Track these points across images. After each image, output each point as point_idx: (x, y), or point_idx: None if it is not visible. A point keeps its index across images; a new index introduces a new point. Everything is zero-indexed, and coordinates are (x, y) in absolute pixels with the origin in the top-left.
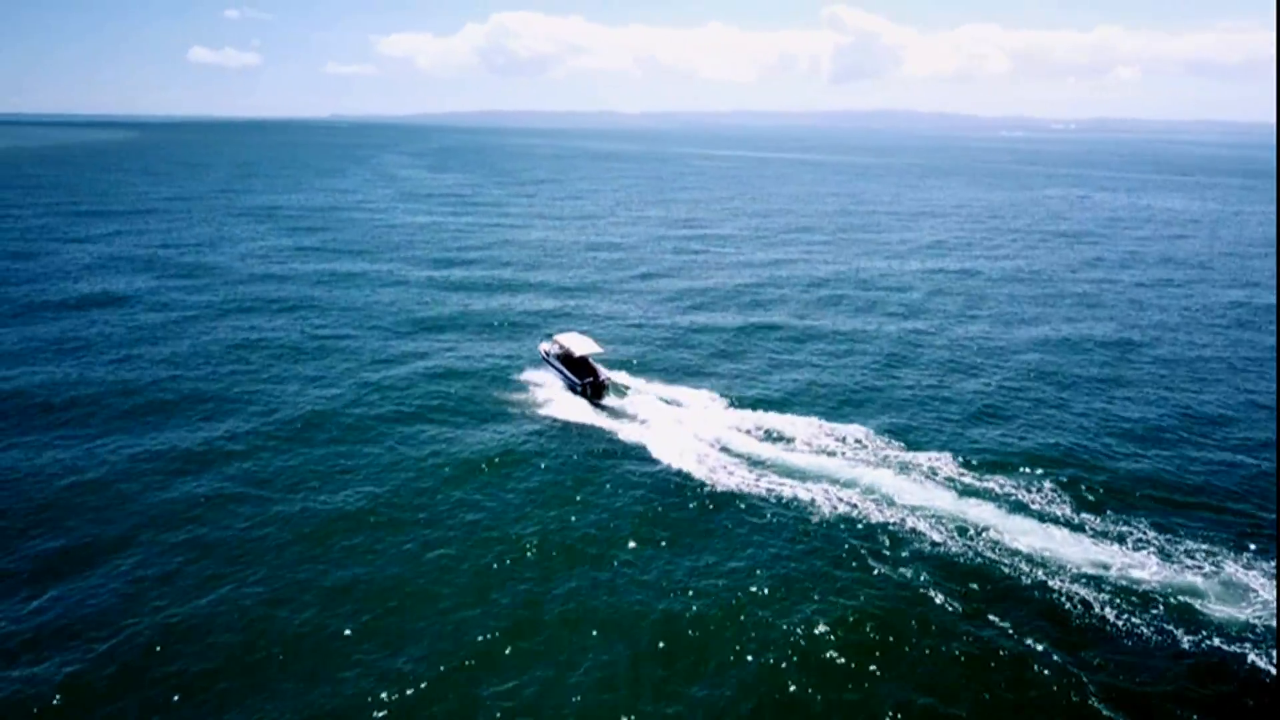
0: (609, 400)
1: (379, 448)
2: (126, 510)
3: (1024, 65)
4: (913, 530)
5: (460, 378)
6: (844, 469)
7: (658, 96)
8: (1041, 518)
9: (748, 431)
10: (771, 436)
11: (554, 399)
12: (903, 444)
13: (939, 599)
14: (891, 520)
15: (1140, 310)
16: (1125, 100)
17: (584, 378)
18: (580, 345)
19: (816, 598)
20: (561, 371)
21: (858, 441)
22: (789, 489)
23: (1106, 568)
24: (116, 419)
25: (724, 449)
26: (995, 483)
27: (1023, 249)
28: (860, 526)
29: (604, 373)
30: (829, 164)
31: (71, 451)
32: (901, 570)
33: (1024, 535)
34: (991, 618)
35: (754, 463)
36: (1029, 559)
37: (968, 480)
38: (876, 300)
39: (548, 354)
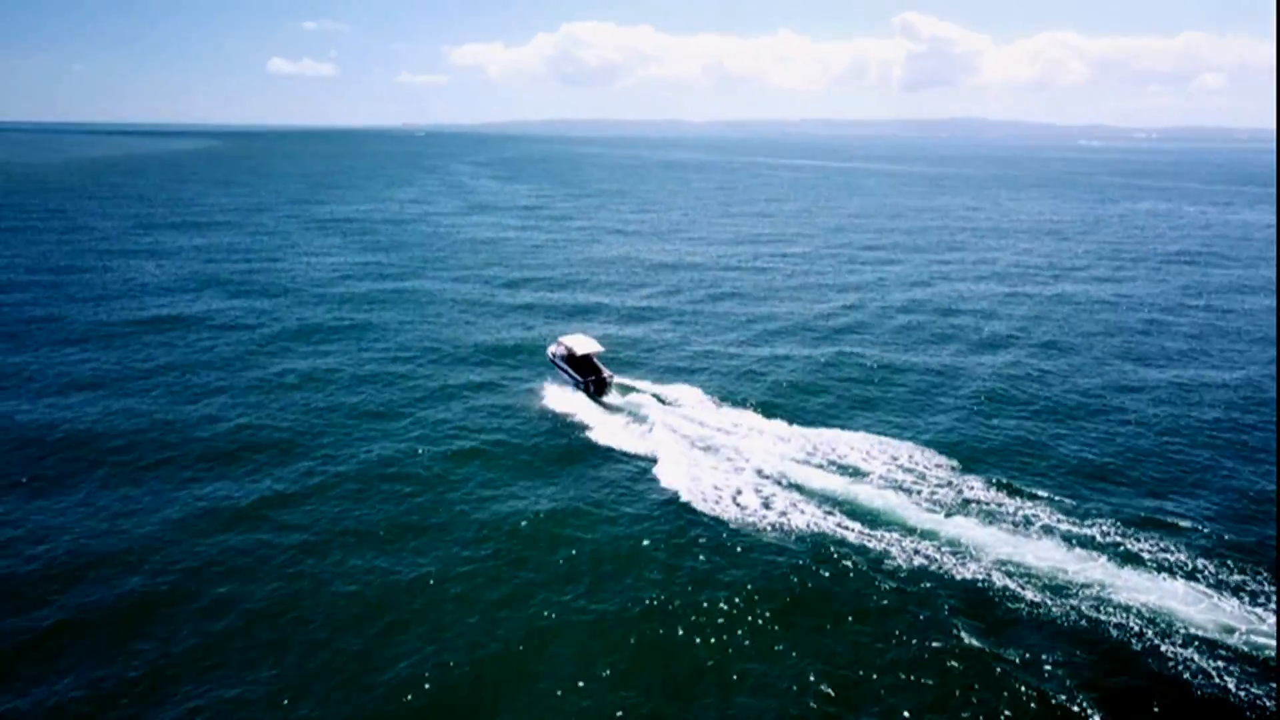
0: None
1: (436, 496)
2: (177, 568)
3: (1104, 72)
4: (1005, 590)
5: (522, 417)
6: (925, 516)
7: (725, 105)
8: (1159, 570)
9: (819, 467)
10: (846, 471)
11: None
12: (992, 486)
13: (1052, 670)
14: (978, 577)
15: (1267, 348)
16: (1211, 108)
17: (587, 376)
18: (582, 345)
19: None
20: (566, 371)
21: (943, 483)
22: (860, 534)
23: (1230, 631)
24: (168, 467)
25: (794, 486)
26: (1105, 535)
27: (1114, 270)
28: (949, 583)
29: (607, 371)
30: (900, 175)
31: (121, 500)
32: (1006, 646)
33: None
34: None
35: (827, 500)
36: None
37: (1069, 529)
38: (959, 329)
39: (554, 355)
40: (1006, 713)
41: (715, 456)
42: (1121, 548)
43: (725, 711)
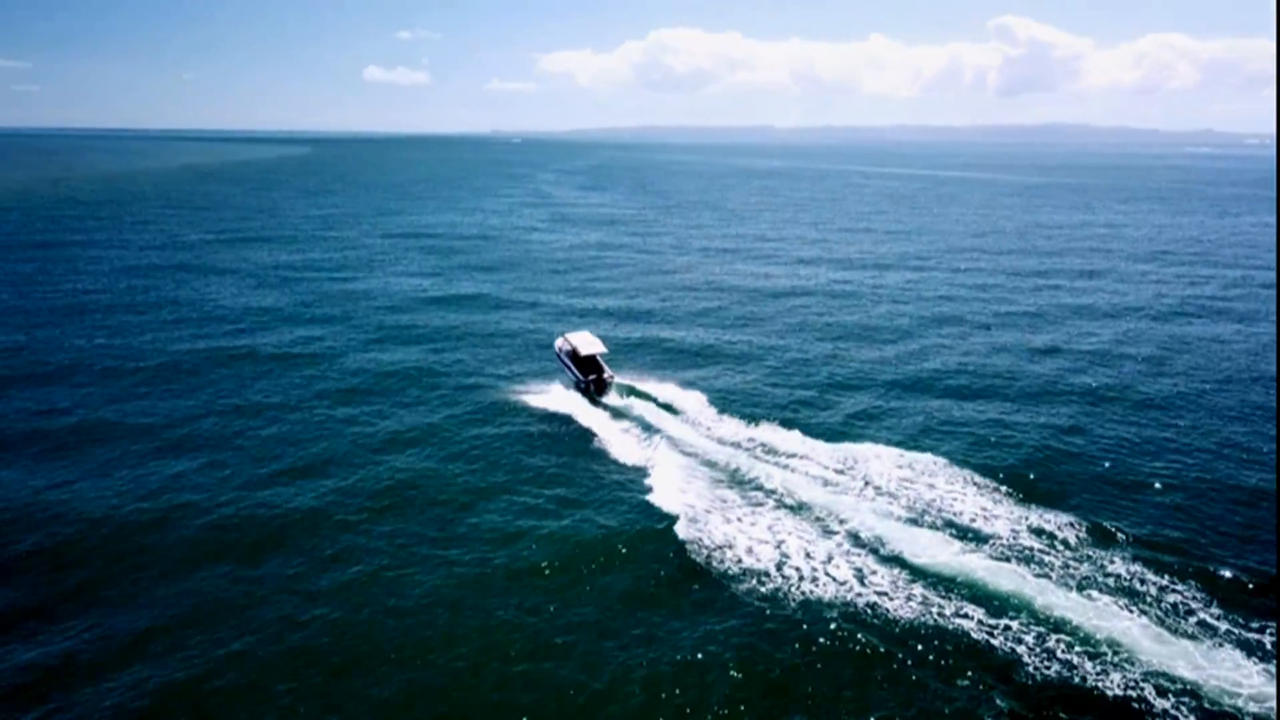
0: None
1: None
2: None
3: (1214, 76)
4: None
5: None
6: (1046, 592)
7: (814, 111)
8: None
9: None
10: (965, 536)
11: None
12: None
13: None
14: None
15: None
16: None
17: (588, 375)
18: (586, 344)
19: None
20: (569, 367)
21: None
22: (940, 608)
23: None
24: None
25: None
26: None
27: (1243, 295)
28: None
29: (608, 371)
30: (999, 184)
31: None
32: None
33: None
34: None
35: (939, 583)
36: None
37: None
38: (1101, 387)
39: (559, 350)
40: None
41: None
42: None
43: None
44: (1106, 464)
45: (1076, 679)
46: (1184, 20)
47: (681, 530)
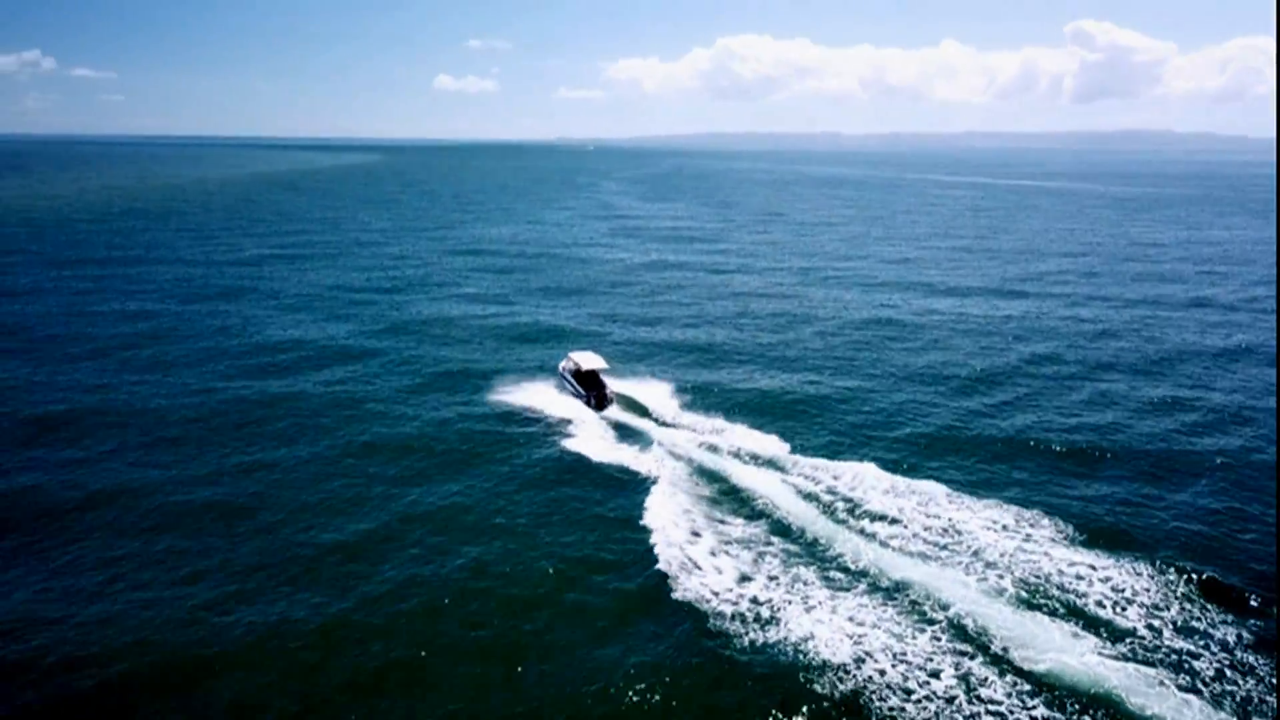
0: None
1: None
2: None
3: None
4: None
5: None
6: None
7: (882, 118)
8: None
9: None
10: (1096, 630)
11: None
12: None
13: None
14: None
15: None
16: None
17: (590, 390)
18: (588, 361)
19: None
20: (572, 384)
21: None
22: None
23: None
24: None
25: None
26: None
27: None
28: None
29: (609, 388)
30: (1085, 195)
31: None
32: None
33: None
34: None
35: None
36: None
37: None
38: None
39: (564, 370)
40: None
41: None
42: None
43: None
44: (1260, 547)
45: None
46: (1272, 23)
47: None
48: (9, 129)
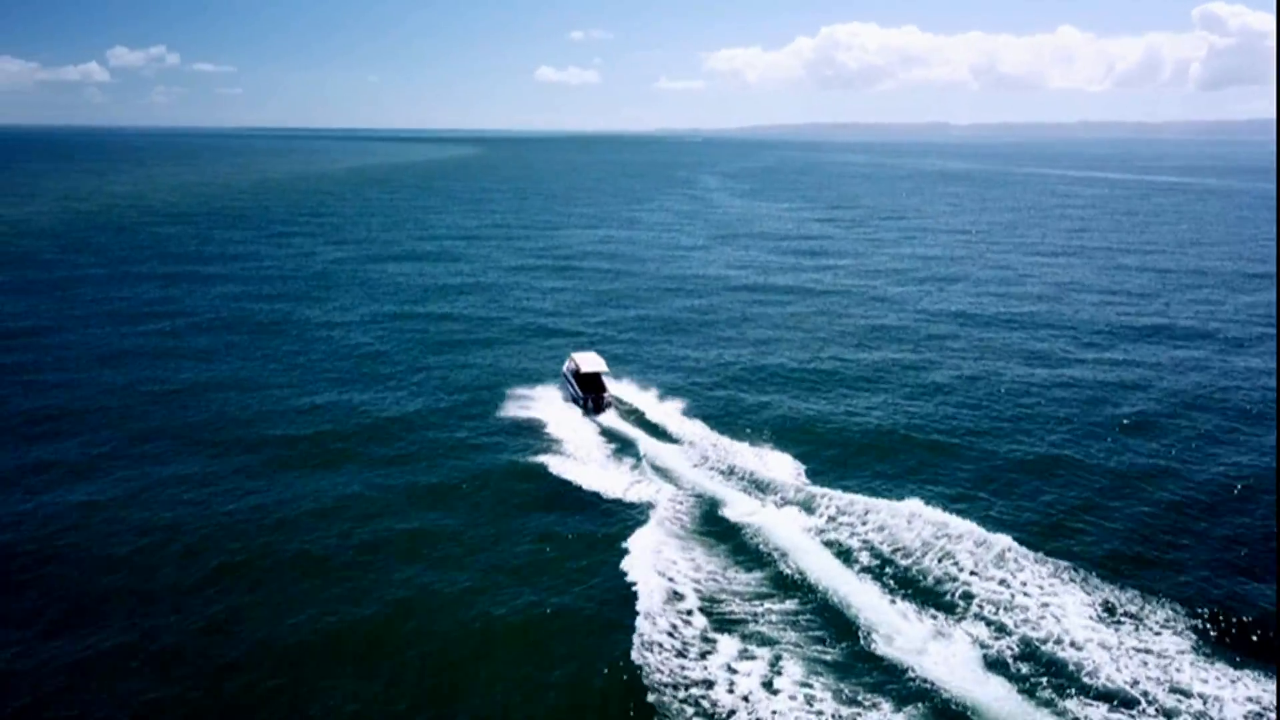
0: None
1: None
2: None
3: None
4: None
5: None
6: None
7: (992, 108)
8: None
9: None
10: None
11: None
12: None
13: None
14: None
15: None
16: None
17: (588, 393)
18: (588, 362)
19: None
20: (571, 385)
21: None
22: None
23: None
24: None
25: None
26: None
27: None
28: None
29: (608, 392)
30: (1236, 193)
31: None
32: None
33: None
34: None
35: None
36: None
37: None
38: None
39: (566, 371)
40: None
41: None
42: None
43: None
44: None
45: None
46: None
47: None
48: (136, 122)
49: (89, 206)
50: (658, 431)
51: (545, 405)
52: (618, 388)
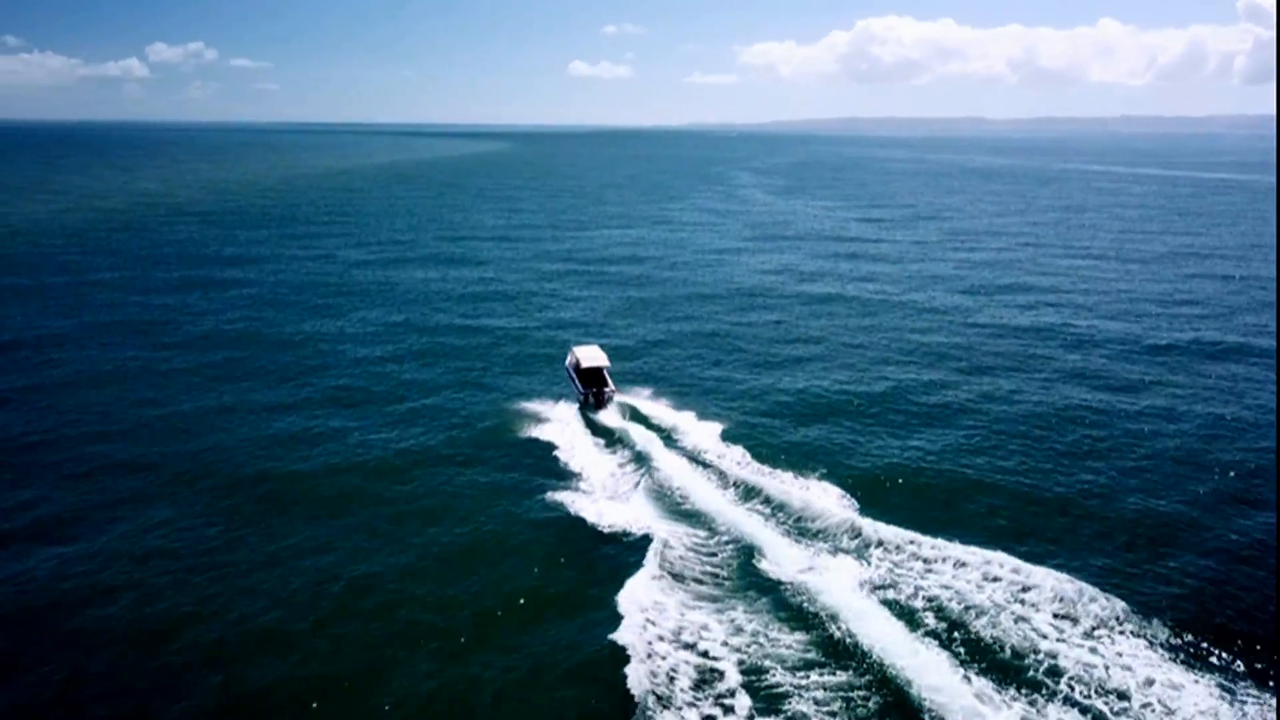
0: None
1: None
2: None
3: None
4: None
5: None
6: None
7: (1030, 102)
8: None
9: None
10: None
11: None
12: None
13: None
14: None
15: None
16: None
17: (589, 388)
18: (590, 357)
19: None
20: (573, 380)
21: None
22: None
23: None
24: None
25: None
26: None
27: None
28: None
29: (610, 386)
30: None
31: None
32: None
33: None
34: None
35: None
36: None
37: None
38: None
39: (568, 366)
40: None
41: None
42: None
43: None
44: None
45: None
46: None
47: None
48: (174, 116)
49: (112, 205)
50: (693, 458)
51: (560, 429)
52: (653, 408)
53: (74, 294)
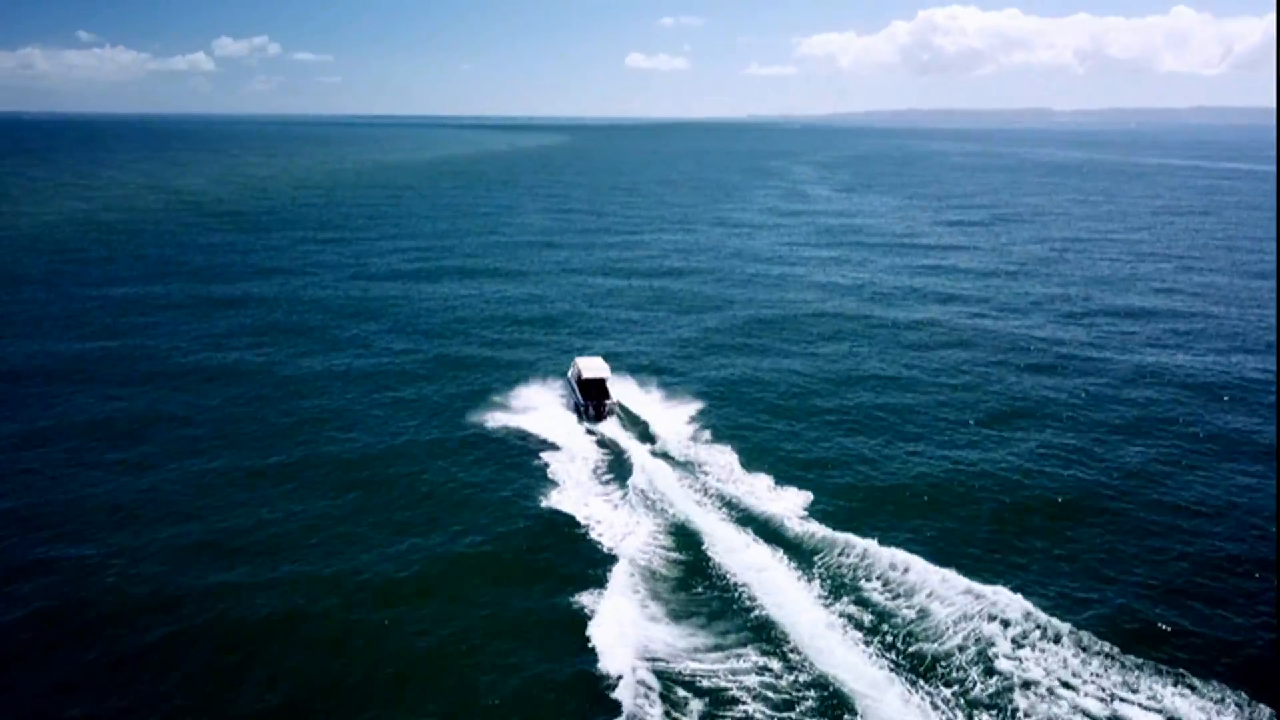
0: None
1: None
2: None
3: None
4: None
5: None
6: None
7: (1097, 93)
8: None
9: None
10: None
11: None
12: None
13: None
14: None
15: None
16: None
17: (589, 400)
18: (591, 368)
19: None
20: (574, 391)
21: None
22: None
23: None
24: None
25: None
26: None
27: None
28: None
29: (612, 398)
30: None
31: None
32: None
33: None
34: None
35: None
36: None
37: None
38: None
39: (570, 377)
40: None
41: None
42: None
43: None
44: None
45: None
46: None
47: None
48: (238, 109)
49: (146, 204)
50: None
51: (555, 436)
52: (701, 453)
53: (59, 300)
